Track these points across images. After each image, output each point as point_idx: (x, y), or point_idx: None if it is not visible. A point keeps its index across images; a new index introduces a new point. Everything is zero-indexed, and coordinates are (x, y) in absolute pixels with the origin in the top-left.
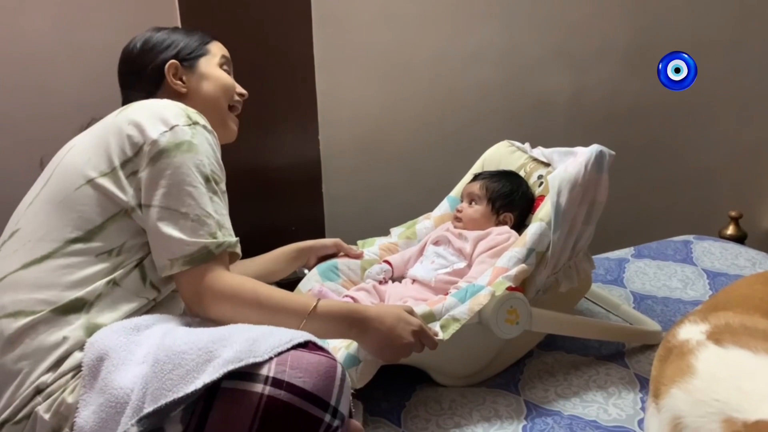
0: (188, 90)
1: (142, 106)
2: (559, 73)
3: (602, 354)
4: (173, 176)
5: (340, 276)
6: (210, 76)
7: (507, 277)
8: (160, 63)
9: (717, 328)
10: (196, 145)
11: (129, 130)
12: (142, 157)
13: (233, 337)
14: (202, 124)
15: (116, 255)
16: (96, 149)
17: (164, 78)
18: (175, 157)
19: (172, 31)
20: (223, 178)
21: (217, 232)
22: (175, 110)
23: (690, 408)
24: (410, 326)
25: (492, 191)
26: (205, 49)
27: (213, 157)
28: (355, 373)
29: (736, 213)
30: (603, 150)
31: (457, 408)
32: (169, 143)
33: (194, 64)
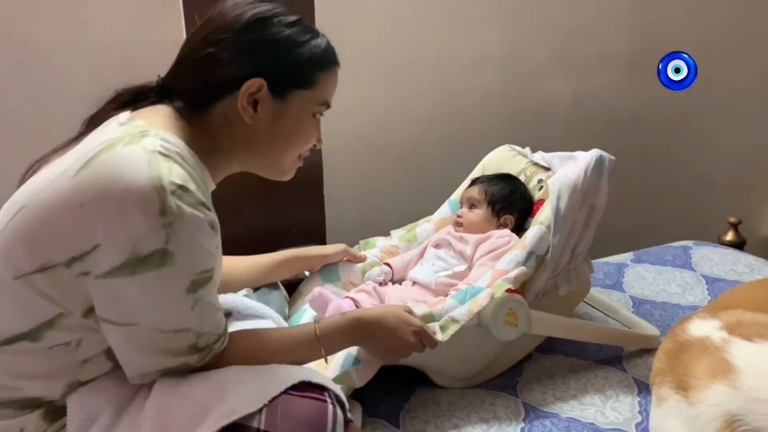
0: (253, 122)
1: (103, 174)
2: (560, 78)
3: (600, 358)
4: (141, 297)
5: (341, 277)
6: (295, 122)
7: (506, 280)
8: (248, 66)
9: (731, 324)
10: (172, 254)
11: (81, 217)
12: (95, 262)
13: (227, 387)
14: (183, 213)
15: (76, 347)
16: (40, 228)
17: (238, 89)
18: (143, 273)
19: (291, 18)
20: (212, 266)
21: (200, 344)
22: (144, 196)
23: (748, 405)
24: (412, 327)
25: (491, 194)
26: (314, 80)
27: (199, 256)
28: (355, 372)
29: (735, 219)
30: (603, 155)
31: (456, 410)
32: (134, 256)
33: (286, 95)
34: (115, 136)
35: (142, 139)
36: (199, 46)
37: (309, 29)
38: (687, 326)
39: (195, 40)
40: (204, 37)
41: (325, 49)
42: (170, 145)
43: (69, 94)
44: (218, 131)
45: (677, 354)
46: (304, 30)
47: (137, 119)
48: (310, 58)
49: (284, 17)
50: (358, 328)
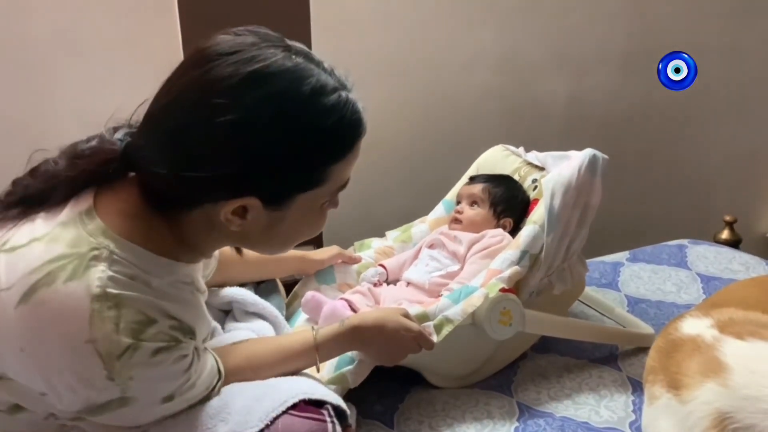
0: (242, 230)
1: (43, 324)
2: (555, 77)
3: (595, 357)
4: (114, 421)
5: (336, 279)
6: (297, 223)
7: (500, 279)
8: (240, 186)
9: (723, 322)
10: (135, 398)
11: (24, 361)
12: (53, 402)
13: (228, 408)
14: (139, 368)
15: (55, 419)
16: None
17: (221, 200)
18: (104, 414)
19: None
20: (189, 374)
21: (194, 401)
22: (88, 362)
23: (739, 403)
24: (410, 332)
25: (495, 195)
26: (328, 175)
27: (165, 386)
28: (350, 373)
29: (730, 217)
30: (596, 154)
31: (450, 410)
32: (90, 406)
33: (286, 204)
34: (60, 254)
35: (89, 271)
36: (174, 138)
37: (327, 92)
38: (679, 325)
39: (168, 121)
40: (180, 125)
41: (344, 126)
42: (125, 271)
43: (63, 95)
44: (197, 232)
45: (669, 352)
46: (317, 106)
47: (92, 219)
48: (321, 154)
49: (288, 98)
50: (357, 335)
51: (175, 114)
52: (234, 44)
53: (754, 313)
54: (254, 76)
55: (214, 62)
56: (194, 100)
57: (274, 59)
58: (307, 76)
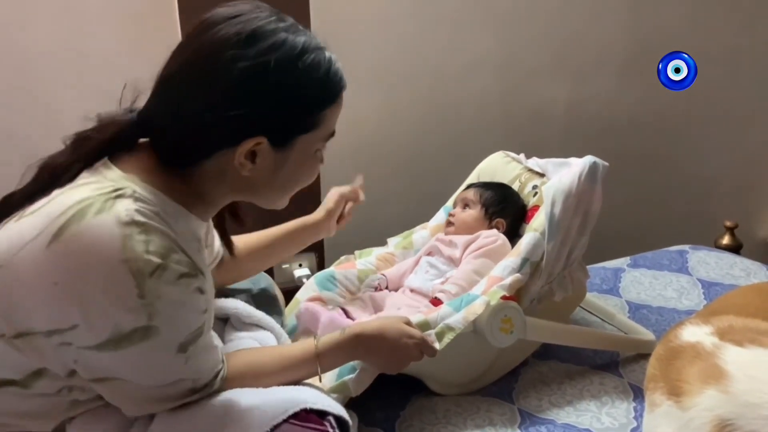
0: (252, 174)
1: (76, 252)
2: (556, 83)
3: (596, 363)
4: (129, 366)
5: (338, 285)
6: (299, 164)
7: (501, 287)
8: (246, 127)
9: (723, 329)
10: (156, 327)
11: (56, 295)
12: (77, 337)
13: (230, 414)
14: (163, 293)
15: (67, 393)
16: (16, 295)
17: (233, 145)
18: (128, 348)
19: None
20: (201, 323)
21: (198, 387)
22: (120, 281)
23: (740, 410)
24: (413, 339)
25: (486, 197)
26: (319, 120)
27: (188, 320)
28: (351, 381)
29: (731, 223)
30: (597, 161)
31: (452, 417)
32: (116, 335)
33: (289, 144)
34: (85, 196)
35: (116, 204)
36: (184, 97)
37: (312, 52)
38: (679, 332)
39: (177, 85)
40: (189, 86)
41: (330, 78)
42: (147, 207)
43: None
44: (210, 183)
45: (670, 360)
46: (307, 56)
47: (111, 169)
48: (315, 98)
49: (284, 52)
50: (359, 344)
51: (190, 71)
52: (234, 10)
53: (753, 320)
54: (258, 31)
55: (220, 25)
56: (207, 56)
57: (271, 19)
58: (299, 34)
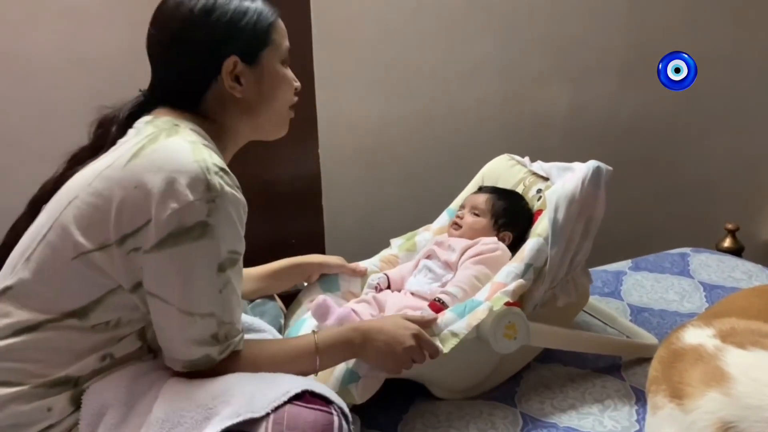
0: (244, 95)
1: (154, 160)
2: (556, 88)
3: (599, 367)
4: (180, 269)
5: (341, 287)
6: (273, 76)
7: (505, 293)
8: (218, 53)
9: (725, 331)
10: (212, 227)
11: (135, 197)
12: (146, 237)
13: (231, 391)
14: (225, 192)
15: (114, 327)
16: (95, 212)
17: (218, 74)
18: (185, 244)
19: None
20: (241, 250)
21: (221, 335)
22: (192, 174)
23: (742, 412)
24: (409, 330)
25: (497, 207)
26: (269, 36)
27: (232, 234)
28: (355, 389)
29: (732, 226)
30: (600, 166)
31: (454, 420)
32: (179, 227)
33: (257, 60)
34: (152, 131)
35: (179, 131)
36: (168, 55)
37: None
38: (681, 334)
39: (160, 50)
40: (168, 42)
41: (263, 6)
42: (200, 137)
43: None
44: (218, 115)
45: (672, 362)
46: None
47: (159, 117)
48: (258, 19)
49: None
50: (358, 334)
51: (164, 34)
52: None
53: (755, 322)
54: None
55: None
56: (171, 17)
57: None
58: None
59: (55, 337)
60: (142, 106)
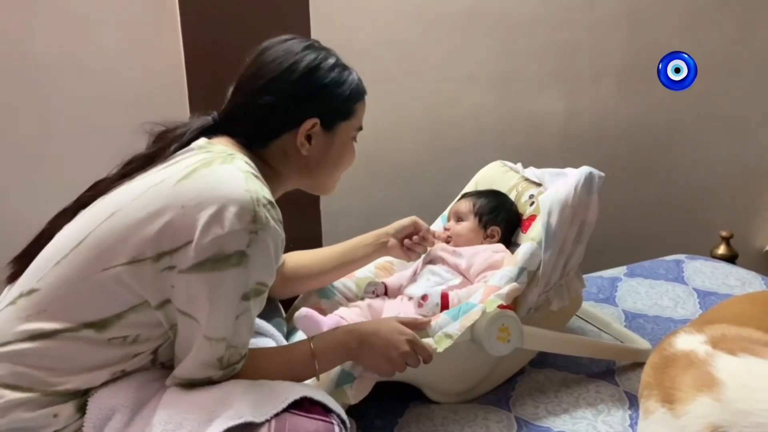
0: (309, 154)
1: (206, 185)
2: (553, 94)
3: (593, 371)
4: (211, 292)
5: (336, 293)
6: (341, 147)
7: (498, 296)
8: (304, 110)
9: (716, 338)
10: (249, 257)
11: (181, 216)
12: (184, 257)
13: (233, 397)
14: (269, 225)
15: (131, 343)
16: (137, 227)
17: (295, 128)
18: (221, 270)
19: (331, 61)
20: (270, 282)
21: (225, 359)
22: (241, 204)
23: (732, 417)
24: (404, 335)
25: (478, 206)
26: (353, 111)
27: (265, 267)
28: (350, 389)
29: (727, 233)
30: (593, 172)
31: (449, 424)
32: (219, 253)
33: (334, 128)
34: (206, 157)
35: (234, 160)
36: (258, 94)
37: (345, 67)
38: (673, 341)
39: (252, 87)
40: (262, 85)
41: (358, 83)
42: (254, 169)
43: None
44: (276, 161)
45: (664, 368)
46: (342, 68)
47: (216, 145)
48: (350, 94)
49: (327, 61)
50: (353, 337)
51: (262, 73)
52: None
53: (746, 329)
54: (313, 44)
55: (281, 44)
56: (276, 59)
57: (315, 43)
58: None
59: (70, 347)
60: (207, 130)
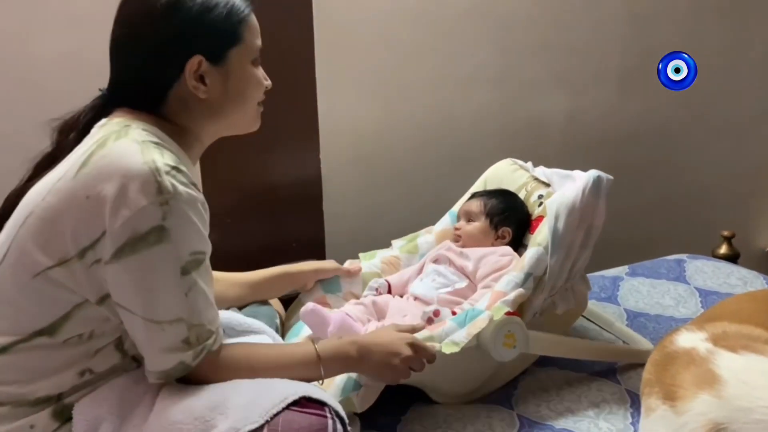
0: (208, 95)
1: (103, 167)
2: (555, 94)
3: (595, 370)
4: (141, 277)
5: (342, 288)
6: (241, 76)
7: (505, 302)
8: (182, 51)
9: (717, 335)
10: (168, 230)
11: (88, 208)
12: (104, 248)
13: (228, 402)
14: (178, 192)
15: (87, 340)
16: (51, 227)
17: (181, 73)
18: (142, 251)
19: None
20: (206, 250)
21: (192, 338)
22: (142, 177)
23: (732, 414)
24: (404, 339)
25: (489, 207)
26: (240, 34)
27: (192, 235)
28: (356, 398)
29: (728, 233)
30: (601, 175)
31: (452, 422)
32: (134, 235)
33: (224, 59)
34: (102, 135)
35: (129, 132)
36: (130, 52)
37: None
38: (675, 338)
39: (122, 46)
40: (130, 39)
41: (233, 3)
42: (152, 136)
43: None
44: (180, 115)
45: (665, 365)
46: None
47: (113, 120)
48: (228, 15)
49: None
50: (355, 347)
51: (126, 29)
52: None
53: (747, 326)
54: None
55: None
56: (134, 12)
57: None
58: None
59: (28, 357)
60: (102, 108)
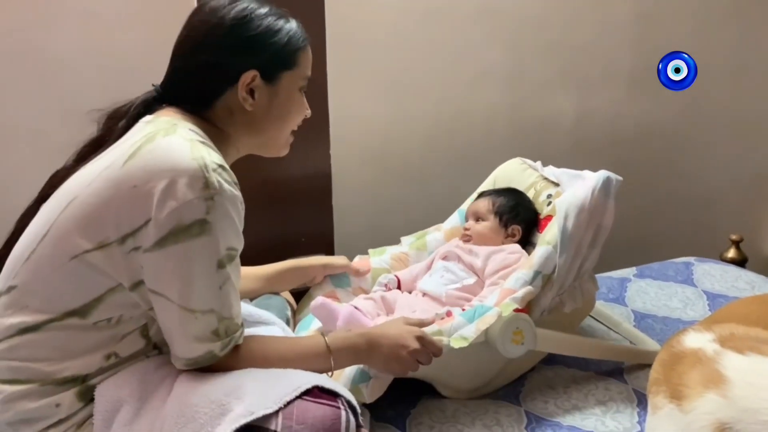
0: (254, 109)
1: (152, 159)
2: (563, 95)
3: (601, 369)
4: (180, 266)
5: (351, 283)
6: (287, 99)
7: (514, 299)
8: (240, 63)
9: (724, 336)
10: (210, 224)
11: (134, 196)
12: (146, 236)
13: (244, 387)
14: (223, 189)
15: (115, 324)
16: (95, 212)
17: (234, 84)
18: (184, 242)
19: (262, 10)
20: (239, 247)
21: (221, 330)
22: (191, 173)
23: (738, 414)
24: (412, 333)
25: (498, 205)
26: (295, 60)
27: (230, 231)
28: (366, 388)
29: (737, 236)
30: (610, 176)
31: (461, 416)
32: (178, 225)
33: (276, 79)
34: (150, 131)
35: (177, 130)
36: (192, 55)
37: (280, 15)
38: (682, 338)
39: (185, 49)
40: (195, 44)
41: (297, 30)
42: (198, 136)
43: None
44: (223, 122)
45: (672, 364)
46: (276, 17)
47: (160, 117)
48: (289, 41)
49: (258, 11)
50: (363, 340)
51: (193, 36)
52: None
53: (754, 329)
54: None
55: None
56: (203, 21)
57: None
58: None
59: (58, 336)
60: (152, 102)
